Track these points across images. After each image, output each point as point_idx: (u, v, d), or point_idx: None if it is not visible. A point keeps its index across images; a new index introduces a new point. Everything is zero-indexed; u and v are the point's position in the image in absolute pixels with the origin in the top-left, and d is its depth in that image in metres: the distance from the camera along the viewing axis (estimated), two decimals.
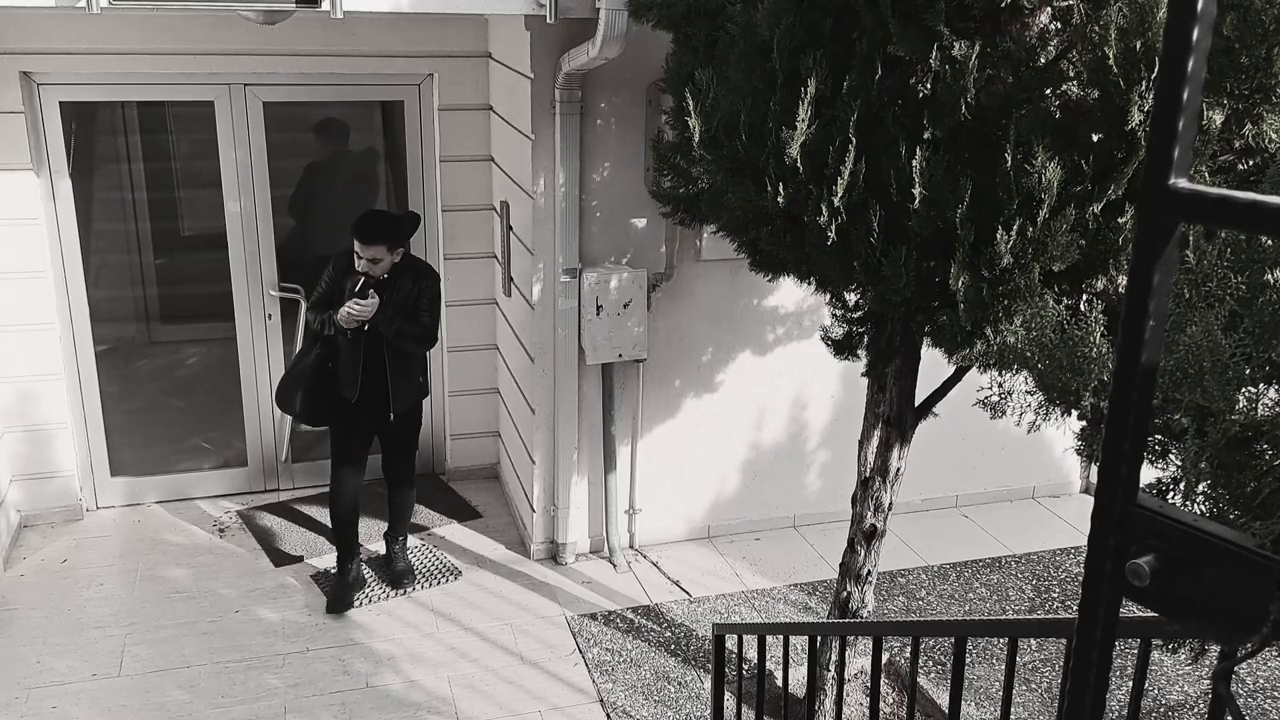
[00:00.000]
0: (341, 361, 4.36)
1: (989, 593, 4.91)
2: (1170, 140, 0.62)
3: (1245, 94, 2.42)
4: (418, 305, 4.34)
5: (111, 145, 5.69)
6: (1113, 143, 2.56)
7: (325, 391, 4.41)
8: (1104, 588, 0.68)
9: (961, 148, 2.67)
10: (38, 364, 5.00)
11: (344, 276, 4.28)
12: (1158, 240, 0.63)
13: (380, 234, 4.19)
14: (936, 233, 2.68)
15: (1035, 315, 2.50)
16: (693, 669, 4.33)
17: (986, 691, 4.17)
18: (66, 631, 4.39)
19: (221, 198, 5.16)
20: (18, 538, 5.06)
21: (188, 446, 5.70)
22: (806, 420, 5.26)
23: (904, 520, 5.06)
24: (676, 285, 4.85)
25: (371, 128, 5.92)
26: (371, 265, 4.14)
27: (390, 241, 4.20)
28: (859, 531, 3.74)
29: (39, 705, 3.93)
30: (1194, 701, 4.11)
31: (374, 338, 4.30)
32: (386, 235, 4.19)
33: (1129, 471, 0.67)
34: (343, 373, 4.36)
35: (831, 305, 3.65)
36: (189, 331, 6.28)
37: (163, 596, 4.65)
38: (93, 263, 5.20)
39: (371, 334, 4.28)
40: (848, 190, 2.70)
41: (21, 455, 5.10)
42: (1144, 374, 0.65)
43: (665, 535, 5.19)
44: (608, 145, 4.59)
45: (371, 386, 4.39)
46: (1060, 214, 2.54)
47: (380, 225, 4.26)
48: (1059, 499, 5.77)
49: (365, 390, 4.38)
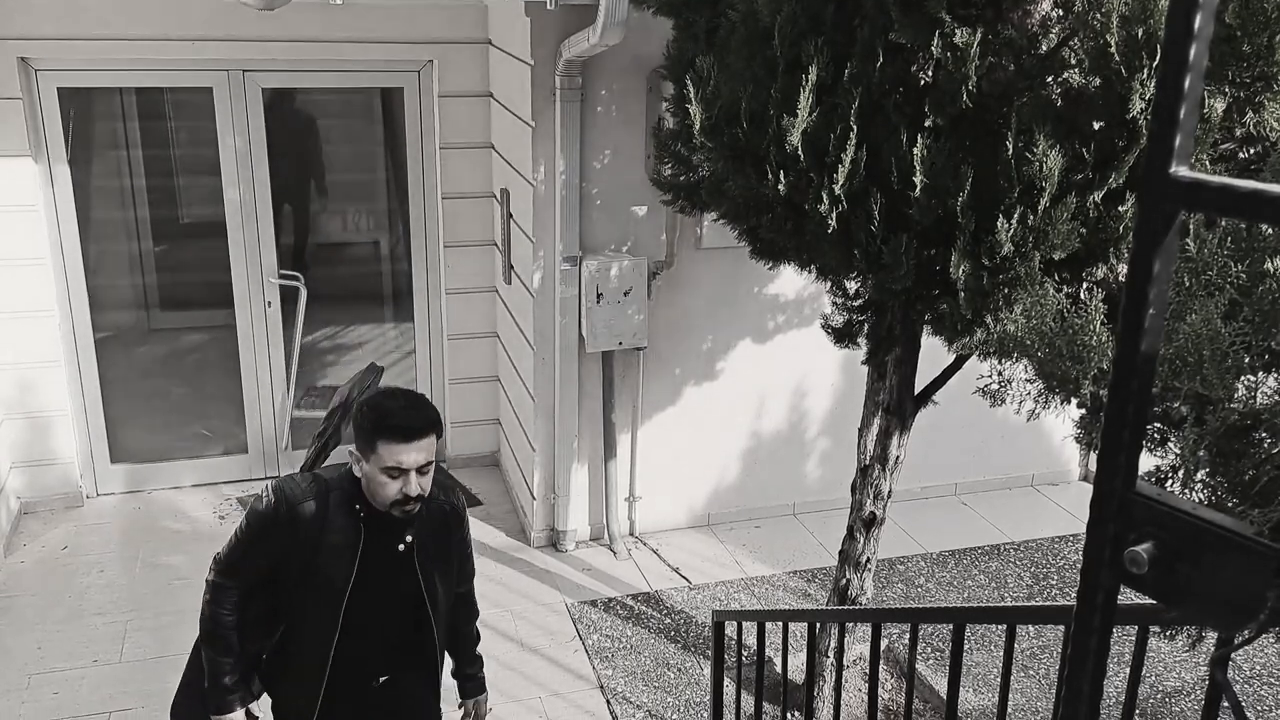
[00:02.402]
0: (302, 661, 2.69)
1: (987, 580, 4.92)
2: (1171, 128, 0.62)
3: (1247, 82, 2.41)
4: (458, 556, 2.79)
5: (110, 132, 5.67)
6: (1114, 131, 2.55)
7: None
8: (1102, 575, 0.69)
9: (962, 136, 2.67)
10: (37, 351, 5.00)
11: (330, 524, 2.55)
12: (1158, 228, 0.63)
13: (433, 419, 2.55)
14: (937, 221, 2.68)
15: (1035, 304, 2.50)
16: (692, 655, 4.34)
17: (984, 678, 4.19)
18: (68, 618, 4.40)
19: (221, 185, 5.15)
20: (18, 525, 5.07)
21: (188, 433, 5.71)
22: (806, 408, 5.26)
23: (903, 508, 5.07)
24: (677, 273, 4.85)
25: (371, 115, 5.91)
26: (421, 479, 2.51)
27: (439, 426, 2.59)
28: (858, 519, 3.75)
29: (40, 691, 3.95)
30: (1191, 688, 4.13)
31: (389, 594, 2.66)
32: (436, 417, 2.57)
33: (1128, 459, 0.67)
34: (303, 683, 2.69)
35: (832, 293, 3.64)
36: (189, 319, 6.27)
37: (164, 583, 4.66)
38: (92, 250, 5.19)
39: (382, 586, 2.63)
40: (848, 178, 2.70)
41: (21, 442, 5.10)
42: (1144, 362, 0.65)
43: (665, 523, 5.20)
44: (608, 132, 4.58)
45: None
46: (1061, 202, 2.53)
47: (423, 402, 2.59)
48: (1057, 487, 5.78)
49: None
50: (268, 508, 2.54)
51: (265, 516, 2.54)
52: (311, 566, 2.54)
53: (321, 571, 2.55)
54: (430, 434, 2.50)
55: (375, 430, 2.47)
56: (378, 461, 2.47)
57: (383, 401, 2.55)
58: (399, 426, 2.46)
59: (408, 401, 2.55)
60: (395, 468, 2.46)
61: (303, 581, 2.57)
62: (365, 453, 2.50)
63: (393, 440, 2.45)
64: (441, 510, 2.69)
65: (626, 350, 4.79)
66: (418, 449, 2.47)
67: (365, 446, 2.50)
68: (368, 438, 2.48)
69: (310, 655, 2.64)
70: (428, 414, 2.52)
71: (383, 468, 2.46)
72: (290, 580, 2.58)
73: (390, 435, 2.45)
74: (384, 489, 2.49)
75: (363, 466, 2.52)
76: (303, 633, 2.65)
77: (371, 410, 2.53)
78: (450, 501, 2.74)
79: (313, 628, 2.61)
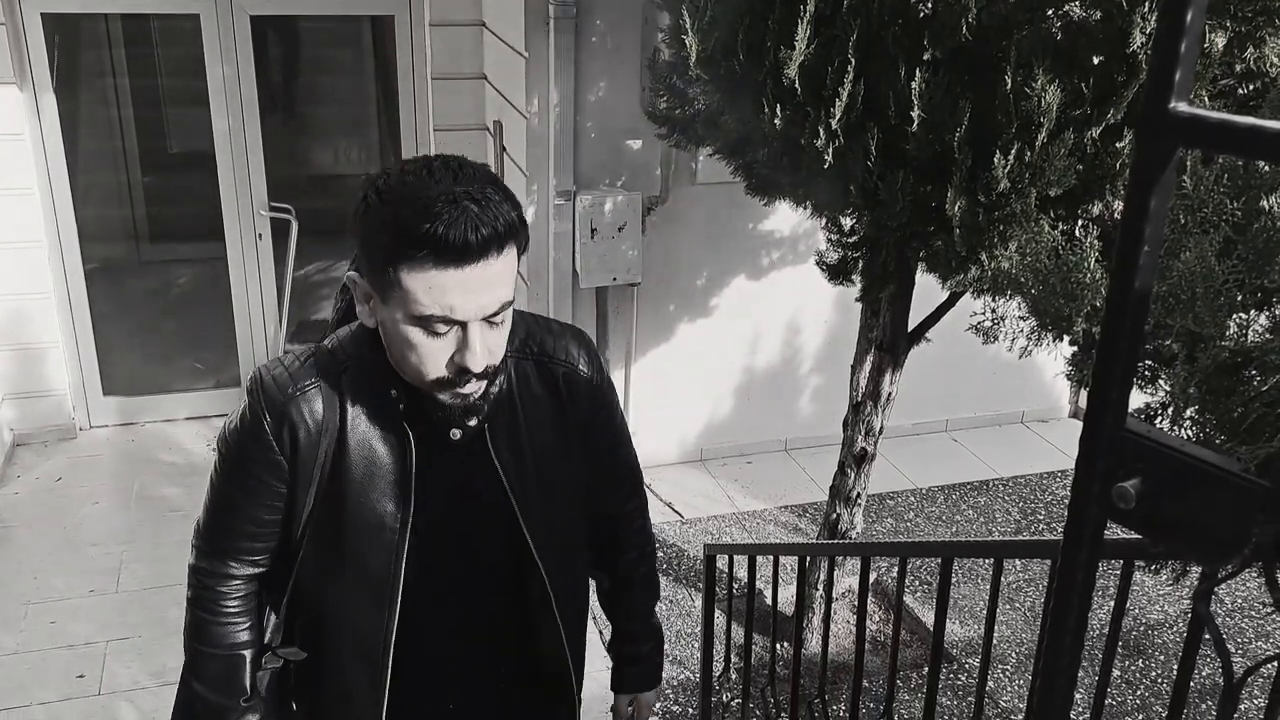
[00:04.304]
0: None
1: (976, 515, 4.98)
2: (1171, 63, 0.61)
3: (1248, 16, 2.38)
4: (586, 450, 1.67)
5: (96, 60, 5.58)
6: (1113, 65, 2.52)
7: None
8: (1090, 510, 0.69)
9: (961, 70, 2.64)
10: (27, 282, 4.97)
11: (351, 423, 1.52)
12: (1156, 165, 0.63)
13: (511, 220, 1.37)
14: (934, 157, 2.66)
15: (1030, 240, 2.49)
16: (684, 588, 4.40)
17: (971, 610, 4.26)
18: (63, 549, 4.43)
19: (209, 115, 5.09)
20: (11, 456, 5.09)
21: (180, 367, 5.70)
22: (800, 345, 5.27)
23: (894, 444, 5.10)
24: (671, 209, 4.82)
25: (360, 44, 5.81)
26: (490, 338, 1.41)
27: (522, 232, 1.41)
28: (849, 455, 3.78)
29: (38, 620, 3.99)
30: (1173, 620, 4.20)
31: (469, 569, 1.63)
32: (516, 214, 1.39)
33: (1119, 396, 0.67)
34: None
35: (827, 230, 3.63)
36: (178, 251, 6.24)
37: (158, 515, 4.69)
38: (80, 181, 5.13)
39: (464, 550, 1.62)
40: (845, 112, 2.67)
41: (13, 374, 5.09)
42: (1137, 300, 0.65)
43: (658, 458, 5.23)
44: (603, 64, 4.52)
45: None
46: (1058, 138, 2.51)
47: (487, 177, 1.40)
48: (1047, 424, 5.82)
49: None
50: (244, 418, 1.52)
51: (243, 434, 1.52)
52: (333, 506, 1.52)
53: (352, 513, 1.51)
54: (508, 247, 1.34)
55: (397, 242, 1.32)
56: (400, 305, 1.35)
57: (413, 180, 1.34)
58: (444, 238, 1.29)
59: (460, 180, 1.33)
60: (435, 317, 1.34)
61: (321, 537, 1.55)
62: (378, 284, 1.38)
63: (431, 262, 1.31)
64: (542, 372, 1.56)
65: (620, 286, 4.78)
66: (484, 280, 1.33)
67: (377, 273, 1.37)
68: (383, 254, 1.34)
69: (351, 667, 1.60)
70: (500, 209, 1.33)
71: (411, 316, 1.35)
72: (299, 540, 1.56)
73: (425, 253, 1.31)
74: (416, 357, 1.39)
75: (376, 312, 1.42)
76: (333, 631, 1.61)
77: (392, 196, 1.35)
78: (554, 356, 1.59)
79: (352, 616, 1.58)
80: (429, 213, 1.31)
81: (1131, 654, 4.02)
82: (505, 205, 1.35)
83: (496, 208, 1.34)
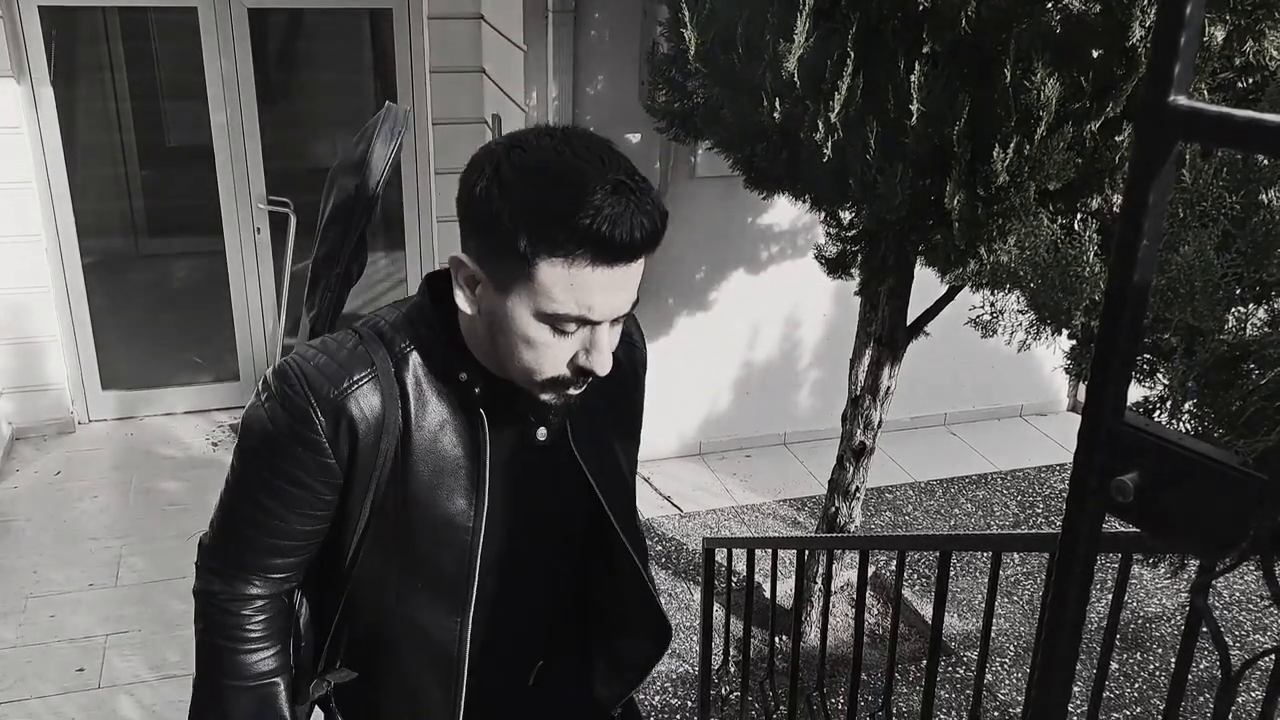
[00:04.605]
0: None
1: (974, 508, 4.98)
2: (1171, 56, 0.61)
3: (1248, 9, 2.38)
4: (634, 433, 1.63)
5: (94, 53, 5.57)
6: (1113, 59, 2.52)
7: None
8: (1088, 503, 0.69)
9: (960, 63, 2.63)
10: (26, 276, 4.97)
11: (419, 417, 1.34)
12: (1155, 158, 0.63)
13: (664, 213, 1.23)
14: (933, 150, 2.66)
15: (1029, 234, 2.49)
16: (683, 581, 4.40)
17: (969, 604, 4.26)
18: (62, 542, 4.44)
19: (207, 108, 5.08)
20: (11, 450, 5.09)
21: (179, 360, 5.70)
22: (799, 339, 5.27)
23: (893, 438, 5.11)
24: (670, 202, 4.79)
25: (358, 37, 5.80)
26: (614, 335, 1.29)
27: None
28: (848, 448, 3.78)
29: (37, 614, 4.00)
30: (1171, 614, 4.21)
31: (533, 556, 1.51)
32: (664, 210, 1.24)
33: (1117, 390, 0.67)
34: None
35: (826, 224, 3.63)
36: (177, 245, 6.23)
37: (158, 509, 4.69)
38: (78, 174, 5.13)
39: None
40: (845, 106, 2.67)
41: (11, 368, 5.09)
42: (1136, 293, 0.65)
43: (657, 451, 5.23)
44: (602, 58, 4.51)
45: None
46: (1058, 131, 2.51)
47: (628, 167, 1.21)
48: (1046, 417, 5.82)
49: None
50: (284, 417, 1.29)
51: (286, 435, 1.30)
52: (396, 510, 1.35)
53: (421, 515, 1.36)
54: (654, 247, 1.22)
55: (544, 231, 1.16)
56: (528, 299, 1.21)
57: (557, 160, 1.18)
58: (608, 236, 1.15)
59: (608, 164, 1.18)
60: (570, 316, 1.21)
61: (383, 545, 1.39)
62: (500, 274, 1.22)
63: (587, 260, 1.17)
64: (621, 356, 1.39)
65: None
66: (627, 279, 1.22)
67: (503, 261, 1.21)
68: (519, 243, 1.18)
69: (420, 677, 1.45)
70: (655, 199, 1.20)
71: (541, 313, 1.21)
72: (354, 552, 1.39)
73: (581, 250, 1.16)
74: (533, 356, 1.25)
75: (481, 300, 1.26)
76: (397, 643, 1.45)
77: (537, 178, 1.18)
78: (630, 336, 1.54)
79: (421, 625, 1.42)
80: (588, 203, 1.13)
81: (1129, 647, 4.03)
82: (654, 193, 1.21)
83: (653, 199, 1.19)
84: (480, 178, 1.21)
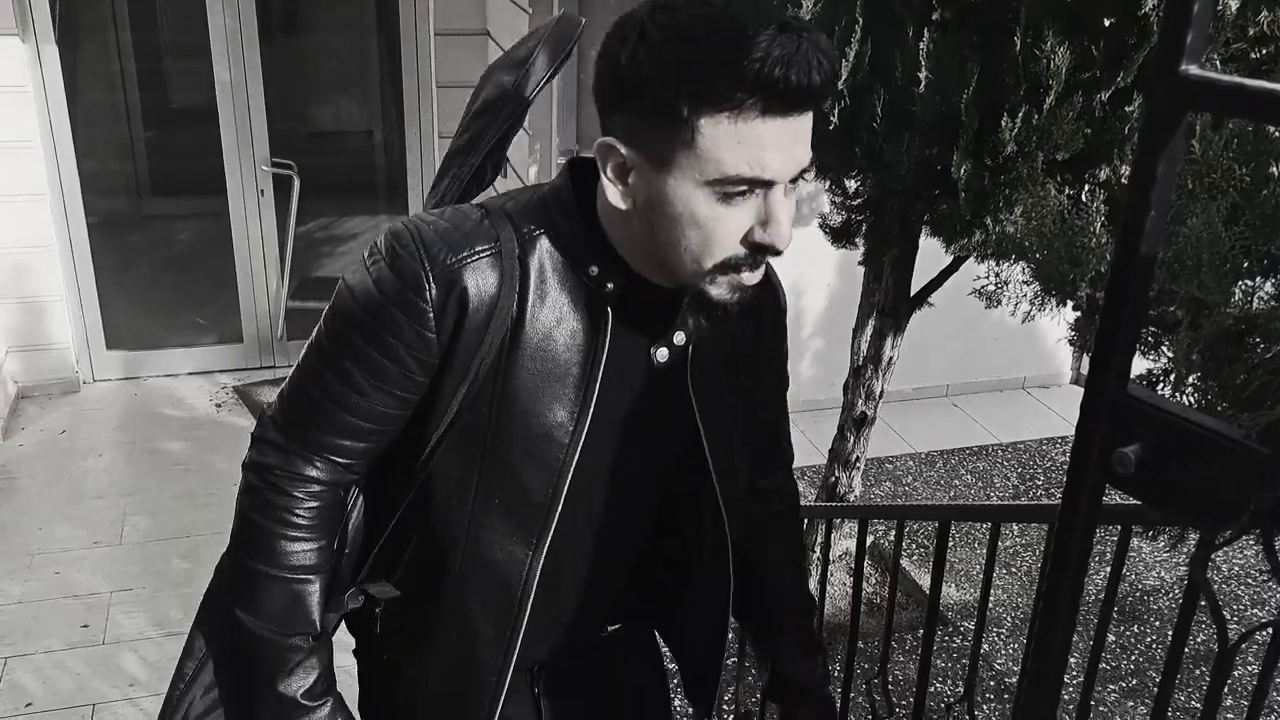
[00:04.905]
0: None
1: (974, 480, 5.00)
2: (1183, 25, 0.60)
3: None
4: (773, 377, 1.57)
5: (97, 12, 5.53)
6: (1124, 28, 2.49)
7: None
8: (1089, 475, 0.69)
9: (970, 31, 2.61)
10: (30, 235, 4.96)
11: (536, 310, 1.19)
12: (1165, 129, 0.62)
13: (836, 60, 1.37)
14: (940, 119, 2.64)
15: (1036, 205, 2.48)
16: None
17: (967, 574, 4.28)
18: (67, 500, 4.46)
19: (211, 67, 5.04)
20: (16, 408, 5.10)
21: (183, 321, 5.71)
22: (802, 308, 5.26)
23: (894, 408, 5.11)
24: None
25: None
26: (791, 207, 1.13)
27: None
28: (849, 419, 3.78)
29: (42, 571, 4.03)
30: (1169, 586, 4.23)
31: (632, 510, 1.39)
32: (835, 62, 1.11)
33: (1121, 362, 0.67)
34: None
35: (831, 192, 3.60)
36: (180, 206, 6.22)
37: (162, 469, 4.71)
38: (82, 134, 5.11)
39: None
40: (852, 73, 2.64)
41: (17, 327, 5.10)
42: (1142, 265, 0.64)
43: None
44: (607, 20, 4.46)
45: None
46: (1067, 101, 2.49)
47: (822, 36, 1.05)
48: (1049, 390, 5.82)
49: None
50: (390, 280, 1.16)
51: (388, 298, 1.16)
52: (491, 408, 1.21)
53: (517, 419, 1.22)
54: (828, 95, 1.18)
55: (707, 84, 1.03)
56: (693, 167, 1.06)
57: (708, 9, 1.06)
58: (783, 79, 1.01)
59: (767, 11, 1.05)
60: (742, 178, 1.07)
61: (468, 447, 1.24)
62: (659, 146, 1.08)
63: (758, 109, 1.03)
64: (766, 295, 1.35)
65: None
66: (800, 132, 1.08)
67: (662, 130, 1.07)
68: (678, 103, 1.05)
69: (474, 609, 1.31)
70: (827, 43, 1.05)
71: (708, 180, 1.07)
72: (433, 447, 1.26)
73: (753, 98, 1.03)
74: (699, 235, 1.11)
75: (636, 190, 1.12)
76: (458, 564, 1.29)
77: (691, 29, 1.05)
78: (770, 278, 1.38)
79: (488, 545, 1.28)
80: (754, 45, 1.00)
81: (1127, 619, 4.05)
82: (824, 36, 1.05)
83: (825, 40, 1.04)
84: (624, 45, 1.09)
